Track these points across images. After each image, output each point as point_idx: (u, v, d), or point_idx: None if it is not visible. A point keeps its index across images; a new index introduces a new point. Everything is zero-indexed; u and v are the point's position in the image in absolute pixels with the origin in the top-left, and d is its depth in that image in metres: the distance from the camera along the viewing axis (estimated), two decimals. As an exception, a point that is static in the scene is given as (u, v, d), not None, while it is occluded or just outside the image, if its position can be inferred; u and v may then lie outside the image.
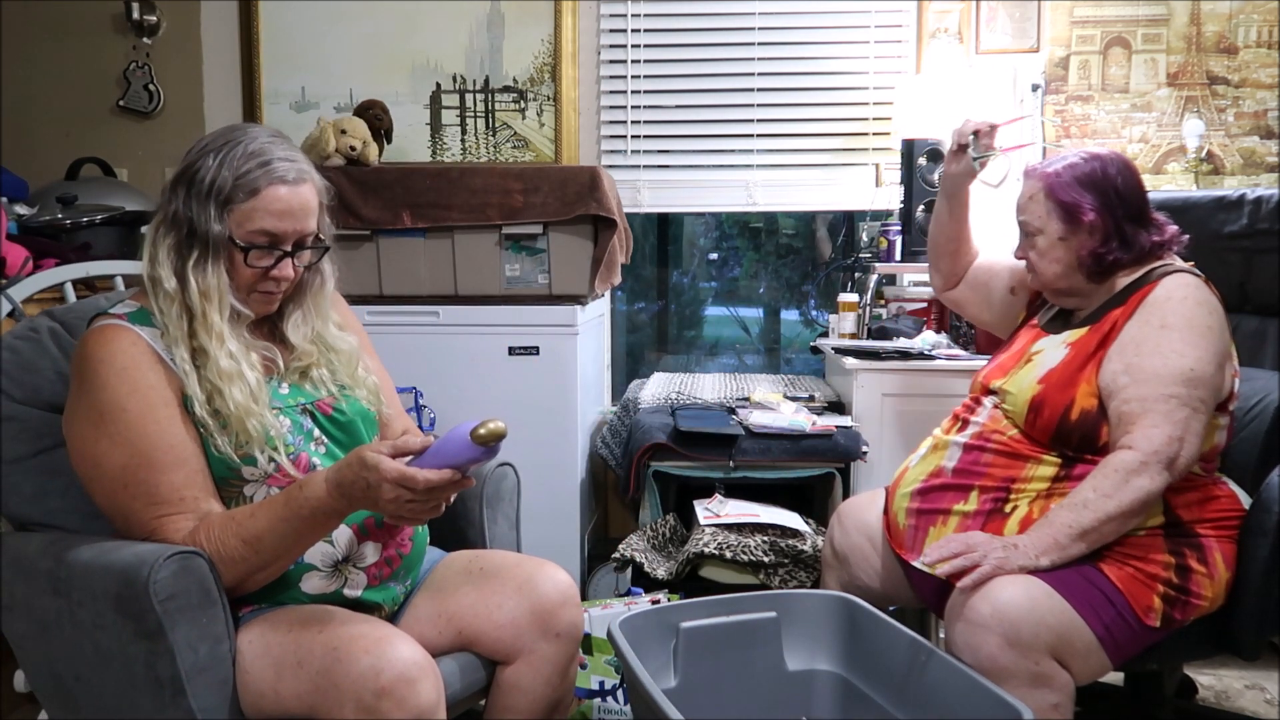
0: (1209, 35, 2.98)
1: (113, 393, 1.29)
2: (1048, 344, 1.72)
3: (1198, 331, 1.56)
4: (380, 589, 1.45)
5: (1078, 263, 1.69)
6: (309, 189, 1.41)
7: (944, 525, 1.65)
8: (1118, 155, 1.72)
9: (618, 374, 3.37)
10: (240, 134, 1.38)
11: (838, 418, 2.53)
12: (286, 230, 1.38)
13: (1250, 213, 1.99)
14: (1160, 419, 1.50)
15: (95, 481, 1.32)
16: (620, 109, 3.14)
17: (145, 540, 1.30)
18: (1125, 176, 1.69)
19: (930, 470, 1.71)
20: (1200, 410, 1.53)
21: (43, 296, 2.12)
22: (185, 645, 1.25)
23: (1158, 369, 1.53)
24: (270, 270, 1.39)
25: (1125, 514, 1.48)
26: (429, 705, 1.24)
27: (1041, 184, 1.72)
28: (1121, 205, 1.68)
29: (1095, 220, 1.66)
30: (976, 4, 3.03)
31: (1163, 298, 1.60)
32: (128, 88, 3.16)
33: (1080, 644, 1.46)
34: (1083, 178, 1.68)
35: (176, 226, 1.35)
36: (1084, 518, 1.48)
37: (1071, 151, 1.75)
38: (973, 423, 1.71)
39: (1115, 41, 3.00)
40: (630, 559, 2.29)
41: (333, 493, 1.26)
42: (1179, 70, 2.99)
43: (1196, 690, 2.26)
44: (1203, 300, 1.60)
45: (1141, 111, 3.01)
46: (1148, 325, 1.58)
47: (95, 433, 1.30)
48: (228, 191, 1.34)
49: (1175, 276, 1.63)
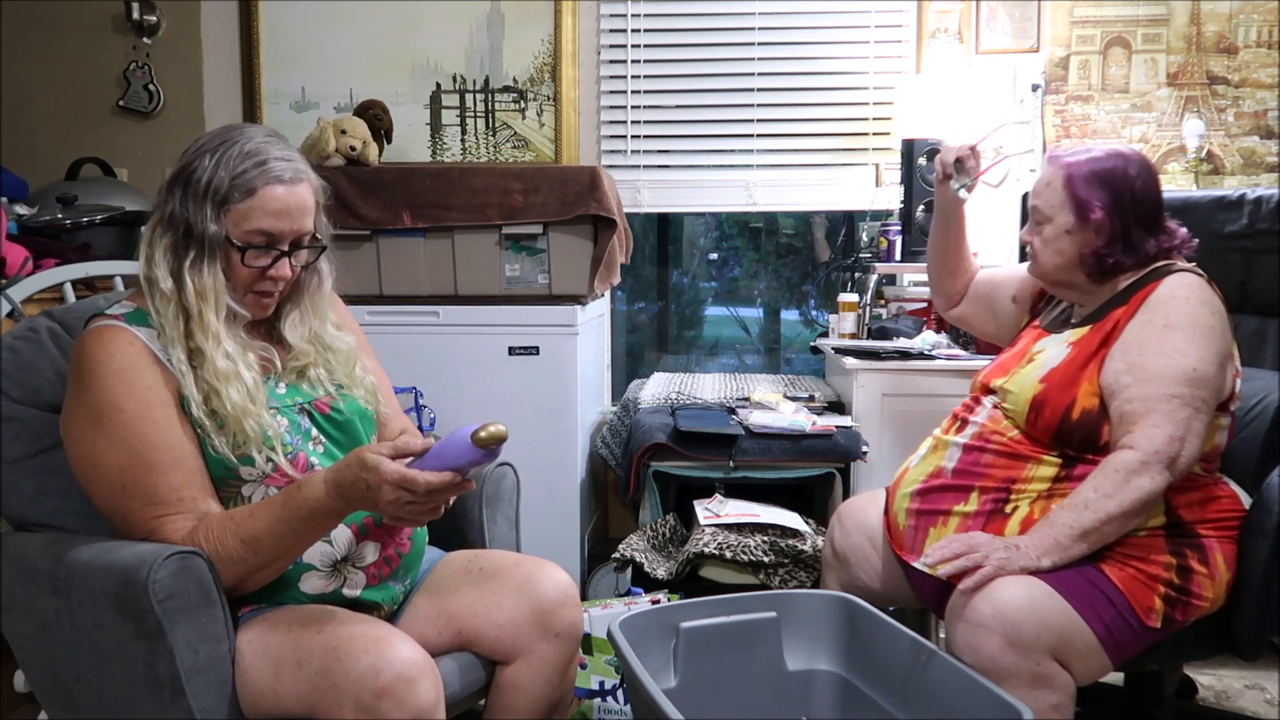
0: (1209, 35, 2.98)
1: (110, 393, 1.29)
2: (1049, 343, 1.71)
3: (1201, 331, 1.55)
4: (379, 588, 1.45)
5: (1079, 259, 1.68)
6: (305, 189, 1.41)
7: (944, 526, 1.64)
8: (1140, 157, 1.70)
9: (618, 374, 3.37)
10: (236, 134, 1.38)
11: (838, 418, 2.53)
12: (283, 230, 1.38)
13: (1250, 213, 1.99)
14: (1162, 419, 1.50)
15: (94, 482, 1.32)
16: (620, 109, 3.14)
17: (144, 540, 1.30)
18: (1144, 180, 1.68)
19: (930, 471, 1.71)
20: (1202, 410, 1.53)
21: (42, 296, 2.12)
22: (184, 645, 1.25)
23: (1160, 369, 1.52)
24: (267, 270, 1.39)
25: (1126, 514, 1.48)
26: (428, 705, 1.24)
27: (1062, 172, 1.69)
28: (1134, 209, 1.66)
29: (1103, 220, 1.65)
30: (976, 4, 3.03)
31: (1165, 296, 1.59)
32: (128, 88, 3.17)
33: (1081, 644, 1.46)
34: (1103, 173, 1.66)
35: (173, 227, 1.35)
36: (1085, 518, 1.48)
37: (1098, 144, 1.74)
38: (972, 422, 1.71)
39: (1115, 41, 3.00)
40: (630, 559, 2.29)
41: (331, 493, 1.26)
42: (1179, 70, 2.99)
43: (1196, 690, 2.26)
44: (1205, 300, 1.59)
45: (1141, 111, 3.01)
46: (1151, 325, 1.57)
47: (93, 433, 1.30)
48: (224, 191, 1.34)
49: (1178, 275, 1.63)
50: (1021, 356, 1.74)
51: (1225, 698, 2.25)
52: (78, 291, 2.11)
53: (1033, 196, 1.75)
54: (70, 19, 3.16)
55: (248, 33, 3.16)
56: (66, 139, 3.14)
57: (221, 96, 3.19)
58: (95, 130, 3.18)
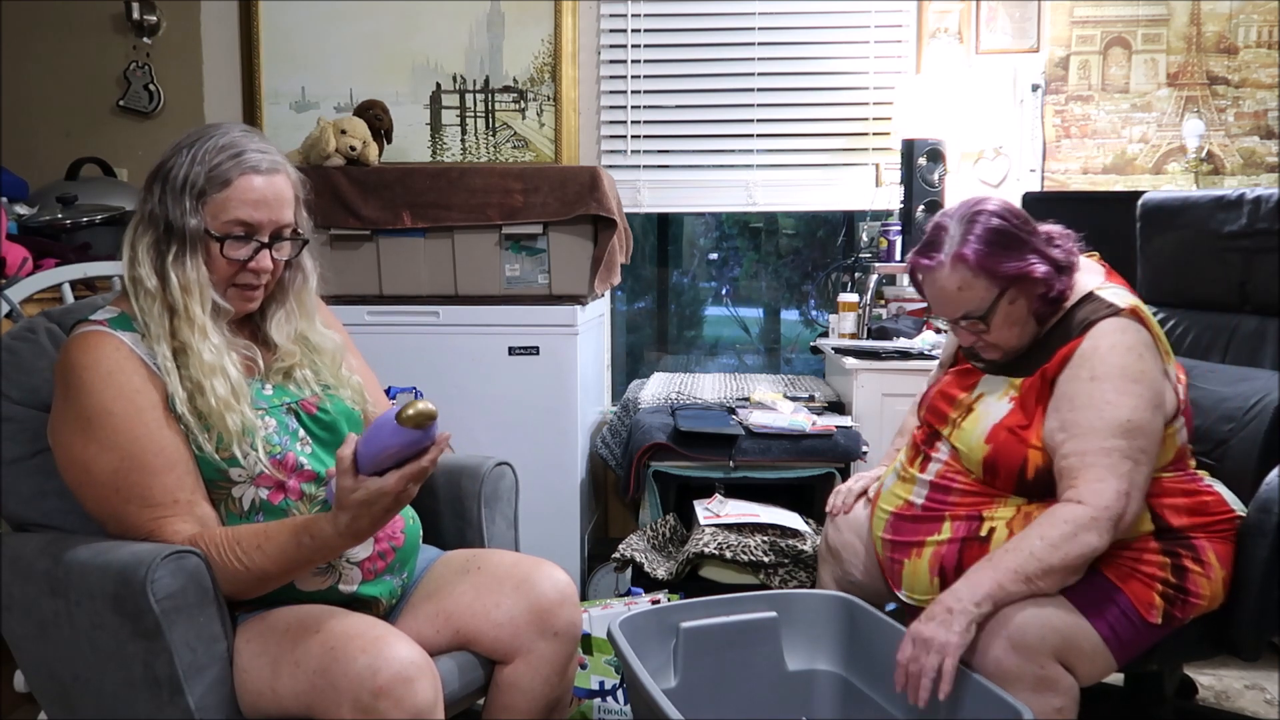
0: (1209, 35, 2.98)
1: (99, 397, 1.29)
2: (988, 389, 1.65)
3: (1130, 378, 1.50)
4: (376, 583, 1.44)
5: (1034, 315, 1.60)
6: (283, 179, 1.41)
7: (918, 558, 1.63)
8: (982, 199, 1.61)
9: (618, 374, 3.37)
10: (213, 130, 1.39)
11: (838, 418, 2.53)
12: (261, 220, 1.38)
13: (1250, 212, 1.98)
14: (1105, 472, 1.45)
15: (86, 487, 1.31)
16: (620, 109, 3.14)
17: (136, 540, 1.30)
18: (1005, 205, 1.59)
19: (899, 504, 1.70)
20: (1142, 462, 1.48)
21: (42, 296, 2.12)
22: (183, 645, 1.25)
23: (1093, 422, 1.48)
24: (248, 263, 1.39)
25: (1068, 569, 1.43)
26: (427, 705, 1.23)
27: (961, 265, 1.56)
28: (1028, 233, 1.59)
29: (1030, 264, 1.56)
30: (976, 4, 3.03)
31: (1089, 350, 1.53)
32: (128, 88, 3.17)
33: (1086, 645, 1.45)
34: (987, 234, 1.55)
35: (153, 224, 1.36)
36: (1030, 565, 1.42)
37: (931, 226, 1.62)
38: (934, 459, 1.68)
39: (1115, 41, 3.00)
40: (630, 559, 2.29)
41: (345, 534, 1.24)
42: (1179, 70, 2.99)
43: (1196, 690, 2.26)
44: (1131, 345, 1.52)
45: (1141, 111, 3.01)
46: (1078, 380, 1.52)
47: (83, 439, 1.29)
48: (201, 184, 1.34)
49: (1103, 324, 1.54)
50: (962, 392, 1.69)
51: (1225, 698, 2.25)
52: (77, 291, 2.11)
53: (951, 311, 1.62)
54: (70, 19, 3.16)
55: (248, 33, 3.16)
56: (66, 139, 3.15)
57: (221, 96, 3.20)
58: (95, 130, 3.18)
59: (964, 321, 1.62)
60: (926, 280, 1.63)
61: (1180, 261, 2.10)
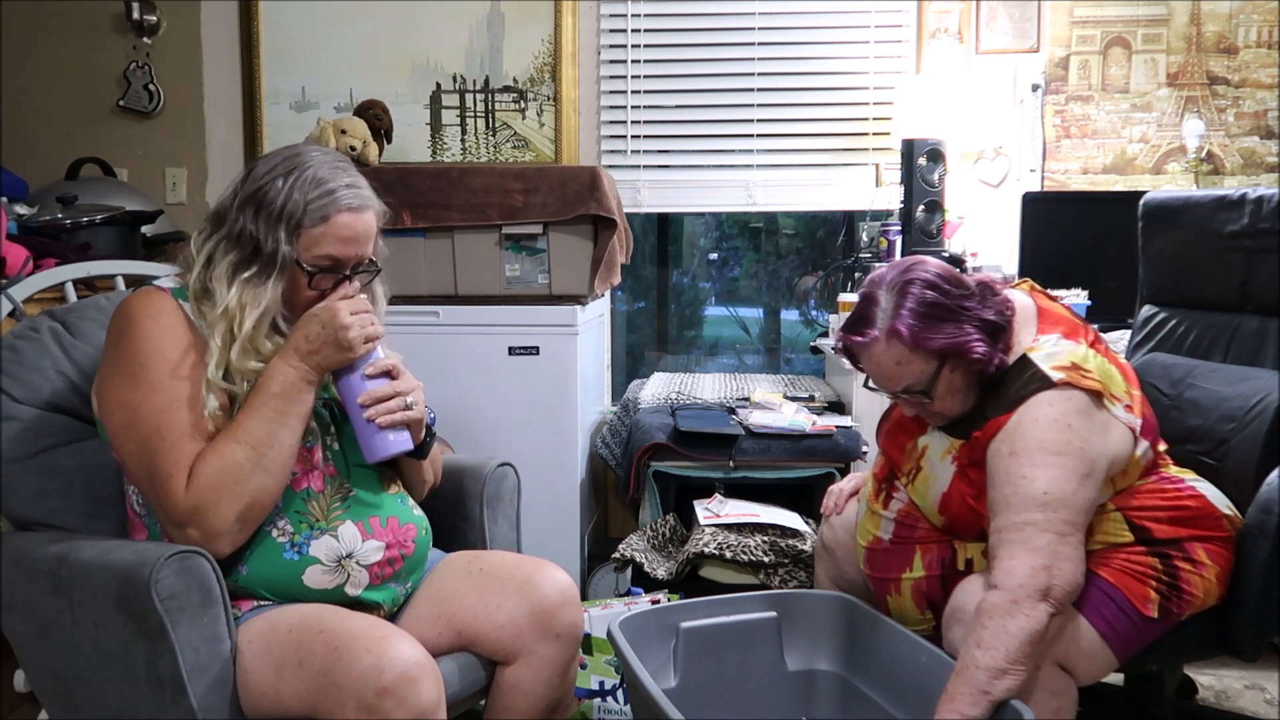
0: (1209, 35, 2.98)
1: (156, 343, 1.34)
2: (931, 441, 1.63)
3: (1049, 451, 1.45)
4: (381, 589, 1.45)
5: (975, 382, 1.57)
6: (371, 215, 1.46)
7: (898, 595, 1.64)
8: (912, 263, 1.57)
9: (618, 374, 3.37)
10: (305, 157, 1.42)
11: (838, 418, 2.54)
12: (349, 255, 1.43)
13: (1251, 212, 1.98)
14: (1017, 549, 1.41)
15: (130, 428, 1.33)
16: (620, 109, 3.14)
17: (158, 486, 1.30)
18: (939, 269, 1.55)
19: (871, 538, 1.70)
20: (1068, 532, 1.42)
21: (43, 296, 2.13)
22: (186, 644, 1.25)
23: (1008, 498, 1.45)
24: (329, 293, 1.43)
25: (1016, 660, 1.37)
26: (430, 704, 1.24)
27: (896, 341, 1.52)
28: (965, 298, 1.54)
29: (974, 336, 1.52)
30: (976, 4, 3.03)
31: (1013, 425, 1.49)
32: (128, 88, 3.16)
33: (1085, 643, 1.46)
34: (924, 310, 1.51)
35: (240, 244, 1.38)
36: (980, 679, 1.37)
37: (859, 292, 1.59)
38: (896, 498, 1.68)
39: (1115, 41, 3.01)
40: (630, 559, 2.29)
41: (292, 358, 1.35)
42: (1179, 70, 3.00)
43: (1196, 690, 2.26)
44: (1056, 418, 1.47)
45: (1141, 111, 3.01)
46: (999, 455, 1.49)
47: (134, 381, 1.33)
48: (299, 217, 1.38)
49: (1030, 401, 1.49)
50: (908, 441, 1.67)
51: (1225, 698, 2.25)
52: (78, 291, 2.12)
53: (892, 385, 1.58)
54: (70, 19, 3.16)
55: (248, 33, 3.15)
56: (66, 139, 3.14)
57: (221, 96, 3.19)
58: (95, 130, 3.17)
59: (905, 395, 1.59)
60: (862, 356, 1.60)
61: (1182, 261, 2.10)
